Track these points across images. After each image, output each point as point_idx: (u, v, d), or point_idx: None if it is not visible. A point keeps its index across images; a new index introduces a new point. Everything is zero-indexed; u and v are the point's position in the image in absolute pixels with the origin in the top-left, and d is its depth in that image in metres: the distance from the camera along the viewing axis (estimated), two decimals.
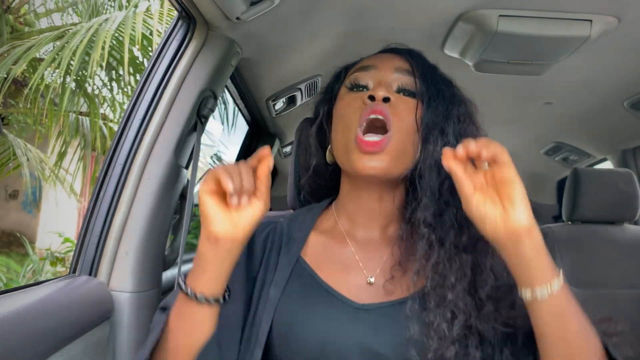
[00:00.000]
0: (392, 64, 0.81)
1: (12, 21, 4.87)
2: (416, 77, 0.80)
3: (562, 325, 0.64)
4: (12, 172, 4.75)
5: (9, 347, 0.67)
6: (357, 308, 0.73)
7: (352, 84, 0.82)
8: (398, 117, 0.75)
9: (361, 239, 0.81)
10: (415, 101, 0.78)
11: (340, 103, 0.82)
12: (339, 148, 0.79)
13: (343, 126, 0.78)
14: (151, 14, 3.74)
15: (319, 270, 0.77)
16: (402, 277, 0.74)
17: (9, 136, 4.52)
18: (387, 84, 0.79)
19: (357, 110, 0.76)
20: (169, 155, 1.06)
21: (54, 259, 5.09)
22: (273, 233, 0.82)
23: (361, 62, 0.86)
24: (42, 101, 4.41)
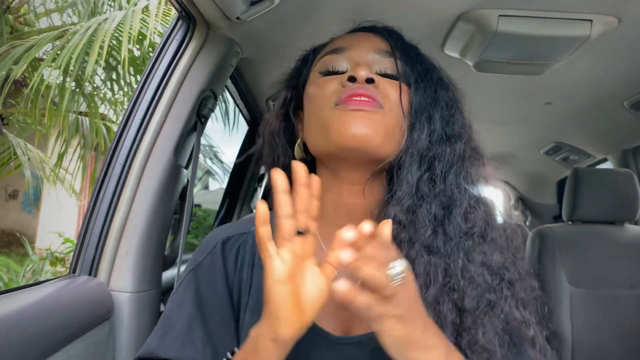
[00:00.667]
0: (369, 43, 0.72)
1: (11, 21, 4.87)
2: (397, 58, 0.71)
3: None
4: (12, 172, 4.75)
5: (9, 347, 0.67)
6: (335, 343, 0.64)
7: (325, 70, 0.72)
8: (385, 97, 0.67)
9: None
10: (398, 83, 0.70)
11: (312, 87, 0.72)
12: (314, 129, 0.69)
13: (318, 105, 0.69)
14: (149, 13, 3.74)
15: None
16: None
17: (9, 136, 4.52)
18: (367, 64, 0.69)
19: (334, 91, 0.68)
20: (169, 155, 1.06)
21: (54, 259, 5.08)
22: (243, 247, 0.72)
23: (332, 42, 0.76)
24: (42, 101, 4.41)
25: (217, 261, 0.71)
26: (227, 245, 0.72)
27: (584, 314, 1.65)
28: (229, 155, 6.63)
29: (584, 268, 1.70)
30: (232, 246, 0.72)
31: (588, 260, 1.71)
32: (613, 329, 1.64)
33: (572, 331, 1.64)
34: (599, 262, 1.71)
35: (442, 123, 0.70)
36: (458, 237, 0.64)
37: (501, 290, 0.63)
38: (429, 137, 0.68)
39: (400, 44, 0.75)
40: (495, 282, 0.63)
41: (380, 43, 0.73)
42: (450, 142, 0.69)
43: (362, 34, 0.76)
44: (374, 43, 0.73)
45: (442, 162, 0.67)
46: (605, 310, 1.66)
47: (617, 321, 1.65)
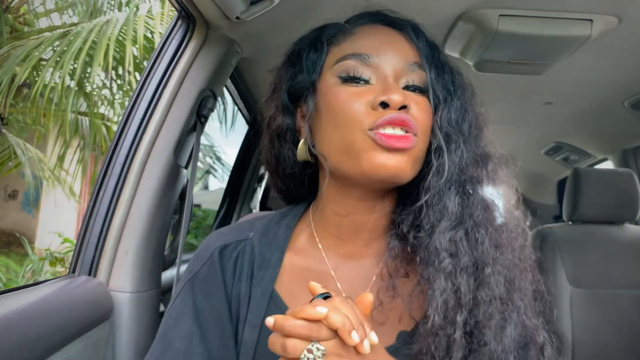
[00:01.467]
0: (397, 53, 0.64)
1: (11, 21, 4.87)
2: (427, 69, 0.65)
3: None
4: (12, 172, 4.75)
5: (9, 347, 0.67)
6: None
7: (346, 74, 0.63)
8: (417, 122, 0.62)
9: (342, 260, 0.67)
10: (425, 98, 0.64)
11: (333, 97, 0.63)
12: (337, 149, 0.62)
13: (344, 125, 0.61)
14: (152, 15, 3.74)
15: (292, 303, 0.64)
16: (392, 302, 0.62)
17: (8, 136, 4.52)
18: (395, 80, 0.63)
19: (365, 113, 0.60)
20: (169, 155, 1.06)
21: (54, 259, 5.08)
22: (242, 255, 0.68)
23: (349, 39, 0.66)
24: (42, 100, 4.40)
25: (215, 271, 0.68)
26: (224, 254, 0.69)
27: (584, 314, 1.65)
28: (229, 155, 6.63)
29: (584, 268, 1.70)
30: (230, 255, 0.69)
31: (588, 260, 1.71)
32: (613, 329, 1.64)
33: (572, 331, 1.64)
34: (599, 262, 1.71)
35: (473, 142, 0.66)
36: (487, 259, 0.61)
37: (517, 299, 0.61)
38: (463, 160, 0.64)
39: (427, 49, 0.68)
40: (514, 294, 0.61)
41: (409, 51, 0.65)
42: (484, 163, 0.65)
43: (385, 33, 0.67)
44: (402, 51, 0.65)
45: (479, 186, 0.63)
46: (605, 310, 1.66)
47: (617, 321, 1.65)
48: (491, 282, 0.60)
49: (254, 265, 0.67)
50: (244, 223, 0.75)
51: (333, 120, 0.63)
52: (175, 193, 1.14)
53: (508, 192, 0.68)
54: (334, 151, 0.63)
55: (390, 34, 0.67)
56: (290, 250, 0.69)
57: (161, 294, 1.14)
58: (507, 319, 0.59)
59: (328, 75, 0.65)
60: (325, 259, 0.67)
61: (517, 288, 0.62)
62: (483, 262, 0.60)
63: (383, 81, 0.62)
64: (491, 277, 0.60)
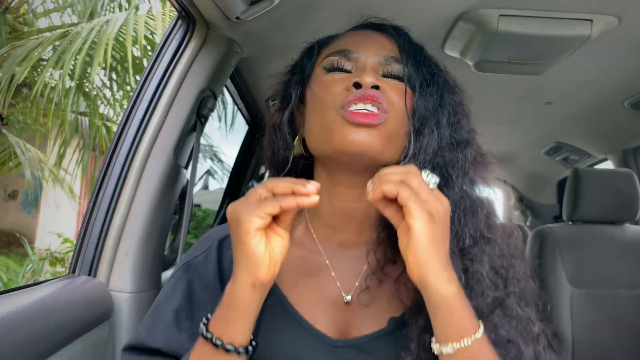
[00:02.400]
0: (376, 47, 0.70)
1: (11, 21, 4.87)
2: (404, 61, 0.70)
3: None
4: (12, 172, 4.74)
5: (9, 347, 0.67)
6: (332, 345, 0.64)
7: (331, 66, 0.70)
8: (390, 102, 0.66)
9: (336, 247, 0.71)
10: (403, 85, 0.69)
11: (317, 85, 0.70)
12: (316, 131, 0.68)
13: (323, 106, 0.67)
14: (153, 15, 3.74)
15: (290, 293, 0.68)
16: (379, 287, 0.67)
17: (9, 136, 4.52)
18: (372, 69, 0.68)
19: (339, 93, 0.66)
20: (169, 155, 1.06)
21: (54, 259, 5.09)
22: None
23: (338, 41, 0.74)
24: (42, 101, 4.41)
25: (212, 258, 0.71)
26: (224, 243, 0.72)
27: (584, 314, 1.65)
28: (229, 156, 6.63)
29: (584, 268, 1.70)
30: (229, 247, 0.70)
31: (588, 260, 1.71)
32: (613, 329, 1.64)
33: (572, 331, 1.64)
34: (599, 262, 1.71)
35: (450, 128, 0.69)
36: (469, 242, 0.64)
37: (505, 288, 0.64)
38: (438, 143, 0.67)
39: (407, 46, 0.73)
40: (500, 282, 0.64)
41: (387, 45, 0.71)
42: (461, 149, 0.68)
43: (369, 34, 0.74)
44: (381, 45, 0.71)
45: (456, 170, 0.67)
46: (606, 310, 1.66)
47: (617, 321, 1.65)
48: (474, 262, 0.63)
49: None
50: None
51: (314, 105, 0.69)
52: (175, 193, 1.14)
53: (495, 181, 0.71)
54: (314, 134, 0.69)
55: (373, 34, 0.73)
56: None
57: None
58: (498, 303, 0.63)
59: (317, 70, 0.72)
60: (320, 249, 0.71)
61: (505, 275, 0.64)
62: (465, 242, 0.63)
63: (361, 69, 0.68)
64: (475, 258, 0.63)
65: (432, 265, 0.53)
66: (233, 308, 0.57)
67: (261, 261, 0.54)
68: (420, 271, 0.54)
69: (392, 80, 0.69)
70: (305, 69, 0.75)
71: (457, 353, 0.54)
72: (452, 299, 0.54)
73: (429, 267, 0.53)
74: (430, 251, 0.53)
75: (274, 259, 0.55)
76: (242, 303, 0.56)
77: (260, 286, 0.55)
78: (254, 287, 0.55)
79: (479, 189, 0.69)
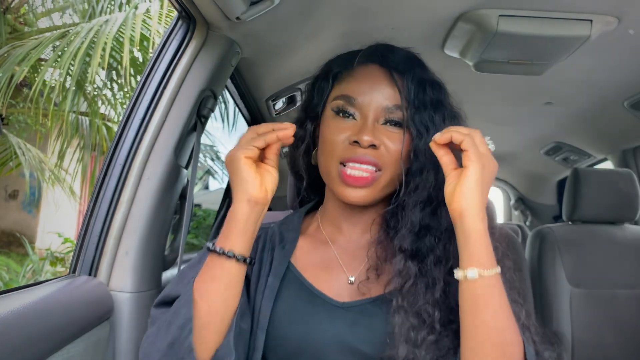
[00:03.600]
0: (381, 94, 0.78)
1: (11, 21, 4.87)
2: (405, 109, 0.78)
3: (473, 311, 0.66)
4: (12, 172, 4.75)
5: (9, 347, 0.67)
6: (337, 306, 0.77)
7: (337, 109, 0.80)
8: (384, 155, 0.76)
9: (343, 242, 0.84)
10: (401, 132, 0.78)
11: (326, 128, 0.81)
12: (323, 170, 0.81)
13: (327, 154, 0.79)
14: (151, 15, 3.74)
15: (304, 272, 0.81)
16: (376, 279, 0.77)
17: (9, 136, 4.52)
18: (375, 119, 0.78)
19: (342, 146, 0.77)
20: (169, 155, 1.06)
21: (54, 259, 5.09)
22: (265, 234, 0.87)
23: (347, 79, 0.82)
24: (42, 101, 4.41)
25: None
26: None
27: (584, 314, 1.65)
28: None
29: (584, 268, 1.70)
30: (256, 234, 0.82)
31: (588, 260, 1.71)
32: (613, 329, 1.64)
33: (572, 331, 1.64)
34: (599, 262, 1.71)
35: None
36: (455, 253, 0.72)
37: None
38: (433, 184, 0.76)
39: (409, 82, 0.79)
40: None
41: (390, 95, 0.78)
42: None
43: (375, 75, 0.80)
44: (385, 95, 0.78)
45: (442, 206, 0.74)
46: (605, 310, 1.66)
47: (617, 321, 1.65)
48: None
49: (275, 241, 0.85)
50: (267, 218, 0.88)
51: (323, 146, 0.81)
52: (176, 193, 1.14)
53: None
54: (322, 170, 0.82)
55: (378, 77, 0.80)
56: (302, 235, 0.87)
57: None
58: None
59: (328, 107, 0.82)
60: (329, 242, 0.85)
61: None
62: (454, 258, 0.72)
63: (363, 120, 0.78)
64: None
65: (473, 203, 0.65)
66: (233, 223, 0.69)
67: (253, 181, 0.68)
68: (462, 205, 0.65)
69: (392, 128, 0.78)
70: (321, 99, 0.84)
71: (480, 279, 0.65)
72: (483, 233, 0.66)
73: (471, 204, 0.65)
74: (476, 191, 0.65)
75: (264, 184, 0.70)
76: (240, 217, 0.69)
77: (255, 203, 0.69)
78: (249, 202, 0.68)
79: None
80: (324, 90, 0.84)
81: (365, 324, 0.75)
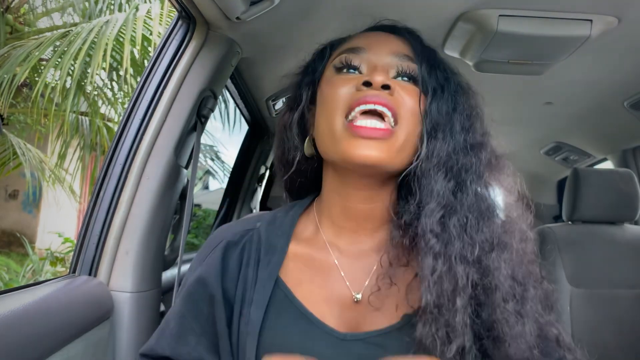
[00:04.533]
0: (389, 46, 0.70)
1: (11, 21, 4.87)
2: (418, 62, 0.69)
3: None
4: (12, 172, 4.74)
5: (9, 347, 0.67)
6: (340, 339, 0.63)
7: (341, 64, 0.69)
8: (400, 104, 0.65)
9: (346, 248, 0.70)
10: (417, 89, 0.68)
11: (327, 85, 0.69)
12: (324, 136, 0.67)
13: (330, 110, 0.66)
14: (152, 16, 3.74)
15: (297, 290, 0.67)
16: (390, 289, 0.65)
17: (9, 136, 4.52)
18: (384, 69, 0.67)
19: (348, 95, 0.65)
20: (169, 155, 1.06)
21: (54, 259, 5.09)
22: (249, 244, 0.71)
23: (350, 41, 0.73)
24: (42, 101, 4.41)
25: (216, 260, 0.71)
26: (230, 246, 0.72)
27: (583, 314, 1.65)
28: (229, 155, 6.63)
29: (584, 268, 1.70)
30: (236, 246, 0.72)
31: (588, 260, 1.71)
32: (613, 328, 1.64)
33: (572, 331, 1.64)
34: (599, 262, 1.71)
35: (464, 132, 0.68)
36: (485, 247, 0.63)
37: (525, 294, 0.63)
38: (452, 147, 0.67)
39: (420, 47, 0.72)
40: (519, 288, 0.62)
41: (400, 45, 0.71)
42: (475, 152, 0.68)
43: (382, 34, 0.73)
44: (394, 45, 0.70)
45: (470, 173, 0.66)
46: (605, 310, 1.66)
47: (617, 321, 1.65)
48: (491, 269, 0.61)
49: (261, 251, 0.70)
50: (252, 215, 0.80)
51: (323, 108, 0.68)
52: (176, 193, 1.14)
53: (509, 184, 0.70)
54: (322, 139, 0.68)
55: (385, 35, 0.73)
56: (295, 240, 0.72)
57: (162, 294, 1.14)
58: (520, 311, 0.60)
59: (327, 71, 0.72)
60: (329, 249, 0.70)
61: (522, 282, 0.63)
62: (481, 248, 0.62)
63: (372, 68, 0.67)
64: (492, 265, 0.61)
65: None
66: None
67: None
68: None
69: (405, 82, 0.68)
70: (317, 70, 0.74)
71: None
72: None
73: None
74: None
75: None
76: None
77: None
78: None
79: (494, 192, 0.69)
80: (319, 61, 0.75)
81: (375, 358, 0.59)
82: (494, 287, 0.61)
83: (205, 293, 0.69)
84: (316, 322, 0.65)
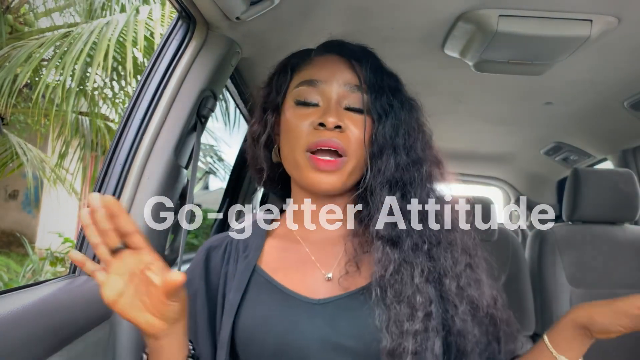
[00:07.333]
0: (341, 77, 0.80)
1: (11, 21, 4.87)
2: (365, 92, 0.80)
3: None
4: (13, 172, 4.74)
5: (9, 347, 0.67)
6: (314, 303, 0.75)
7: (298, 100, 0.80)
8: (349, 140, 0.77)
9: (315, 239, 0.83)
10: (363, 117, 0.79)
11: (289, 117, 0.81)
12: (288, 162, 0.81)
13: (292, 143, 0.79)
14: (153, 18, 3.74)
15: (275, 275, 0.79)
16: (356, 271, 0.76)
17: (10, 136, 4.52)
18: (337, 101, 0.79)
19: (307, 131, 0.77)
20: (169, 155, 1.06)
21: (54, 259, 5.09)
22: (230, 245, 0.85)
23: (306, 68, 0.83)
24: (43, 101, 4.41)
25: (199, 262, 0.84)
26: (213, 248, 0.85)
27: None
28: (228, 155, 6.64)
29: (584, 268, 1.70)
30: (218, 248, 0.85)
31: (588, 260, 1.71)
32: None
33: None
34: (599, 262, 1.71)
35: (406, 150, 0.79)
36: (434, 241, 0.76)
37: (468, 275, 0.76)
38: (396, 165, 0.78)
39: (367, 73, 0.81)
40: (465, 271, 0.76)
41: (349, 76, 0.81)
42: (417, 167, 0.79)
43: (334, 61, 0.82)
44: (345, 76, 0.80)
45: (414, 186, 0.78)
46: None
47: None
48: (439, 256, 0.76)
49: (240, 250, 0.83)
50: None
51: (286, 137, 0.81)
52: (176, 193, 1.14)
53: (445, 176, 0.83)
54: (287, 161, 0.82)
55: (337, 64, 0.82)
56: (271, 236, 0.85)
57: None
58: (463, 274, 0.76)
59: (289, 98, 0.82)
60: (301, 241, 0.83)
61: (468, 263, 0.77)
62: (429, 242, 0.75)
63: (327, 104, 0.79)
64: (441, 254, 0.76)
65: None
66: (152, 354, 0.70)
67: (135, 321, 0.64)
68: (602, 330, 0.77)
69: (354, 114, 0.79)
70: (280, 92, 0.84)
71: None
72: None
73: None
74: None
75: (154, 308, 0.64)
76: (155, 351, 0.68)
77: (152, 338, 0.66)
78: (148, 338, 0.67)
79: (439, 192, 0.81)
80: (282, 83, 0.84)
81: (347, 318, 0.73)
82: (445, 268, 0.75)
83: (190, 291, 0.78)
84: (292, 293, 0.76)
